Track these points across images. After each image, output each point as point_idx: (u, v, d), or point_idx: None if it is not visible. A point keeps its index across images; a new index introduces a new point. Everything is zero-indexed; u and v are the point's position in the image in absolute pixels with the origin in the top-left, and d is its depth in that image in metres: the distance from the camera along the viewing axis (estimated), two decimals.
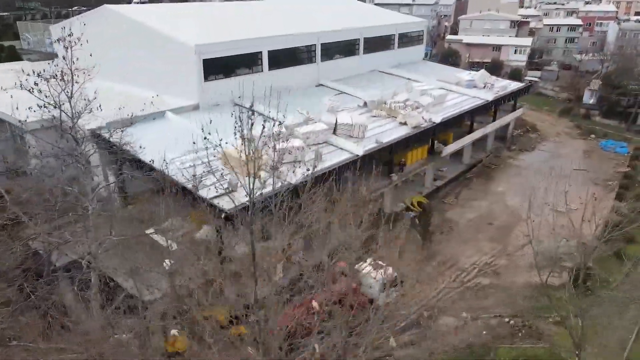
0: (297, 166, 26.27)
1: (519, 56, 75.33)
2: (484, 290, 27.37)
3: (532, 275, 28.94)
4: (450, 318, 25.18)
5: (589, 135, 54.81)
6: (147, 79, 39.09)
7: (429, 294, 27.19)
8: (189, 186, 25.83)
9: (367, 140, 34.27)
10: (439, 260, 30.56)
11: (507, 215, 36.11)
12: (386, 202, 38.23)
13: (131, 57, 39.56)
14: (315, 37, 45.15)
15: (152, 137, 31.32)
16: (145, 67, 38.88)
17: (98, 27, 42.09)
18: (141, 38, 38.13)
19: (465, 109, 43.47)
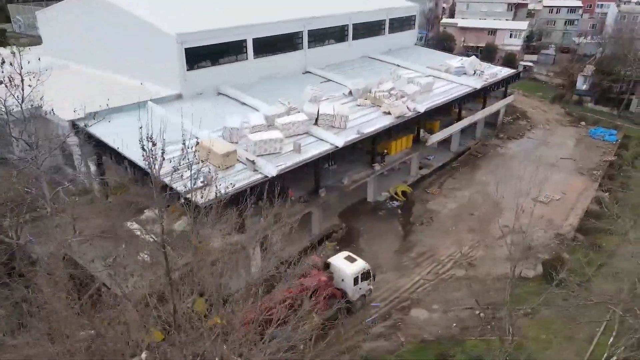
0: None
1: (514, 40, 74.44)
2: (458, 282, 27.71)
3: (508, 267, 29.30)
4: (422, 310, 25.57)
5: (580, 123, 54.56)
6: (132, 67, 38.95)
7: (403, 286, 27.57)
8: (164, 180, 25.90)
9: (348, 131, 34.27)
10: (417, 252, 30.86)
11: (489, 206, 36.26)
12: (369, 191, 38.44)
13: (116, 45, 39.35)
14: (302, 24, 44.66)
15: (132, 128, 31.30)
16: (129, 54, 38.68)
17: (83, 13, 41.89)
18: (124, 25, 37.80)
19: (452, 98, 43.28)
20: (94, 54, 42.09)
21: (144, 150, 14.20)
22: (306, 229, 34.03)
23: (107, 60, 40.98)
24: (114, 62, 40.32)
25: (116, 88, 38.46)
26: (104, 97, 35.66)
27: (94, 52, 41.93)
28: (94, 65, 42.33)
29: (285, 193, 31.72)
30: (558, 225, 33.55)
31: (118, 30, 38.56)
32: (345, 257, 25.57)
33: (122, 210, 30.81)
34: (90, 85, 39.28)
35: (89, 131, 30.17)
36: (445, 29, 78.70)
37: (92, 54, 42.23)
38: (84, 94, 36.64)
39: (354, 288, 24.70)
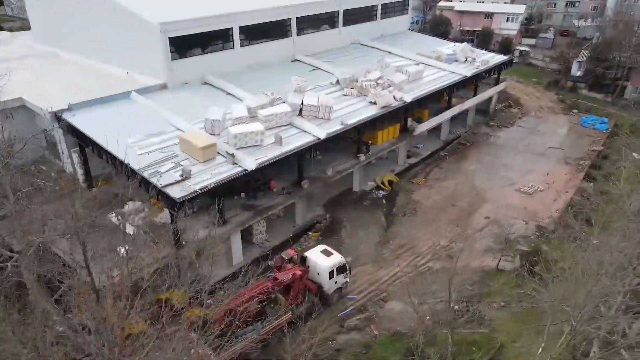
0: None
1: (511, 24, 73.41)
2: (435, 275, 28.01)
3: (486, 260, 29.64)
4: (398, 303, 25.96)
5: (572, 110, 54.18)
6: (118, 56, 38.79)
7: (381, 278, 27.92)
8: (143, 174, 26.18)
9: (333, 122, 34.25)
10: (397, 243, 31.13)
11: (473, 196, 36.40)
12: (355, 181, 38.56)
13: (101, 33, 39.11)
14: (290, 11, 44.15)
15: (115, 120, 31.43)
16: (115, 43, 38.46)
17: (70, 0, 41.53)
18: (109, 13, 37.46)
19: (440, 87, 42.97)
20: (81, 42, 41.85)
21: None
22: (291, 219, 34.35)
23: (94, 49, 40.77)
24: (101, 50, 40.11)
25: (102, 77, 38.37)
26: (90, 86, 35.78)
27: (81, 40, 41.69)
28: (82, 53, 42.13)
29: (267, 184, 32.04)
30: (540, 217, 33.69)
31: (103, 19, 38.29)
32: (321, 251, 25.88)
33: (107, 202, 31.18)
34: (77, 74, 39.18)
35: (69, 122, 30.39)
36: (442, 12, 77.62)
37: (80, 42, 42.00)
38: (69, 84, 36.76)
39: (329, 282, 25.07)
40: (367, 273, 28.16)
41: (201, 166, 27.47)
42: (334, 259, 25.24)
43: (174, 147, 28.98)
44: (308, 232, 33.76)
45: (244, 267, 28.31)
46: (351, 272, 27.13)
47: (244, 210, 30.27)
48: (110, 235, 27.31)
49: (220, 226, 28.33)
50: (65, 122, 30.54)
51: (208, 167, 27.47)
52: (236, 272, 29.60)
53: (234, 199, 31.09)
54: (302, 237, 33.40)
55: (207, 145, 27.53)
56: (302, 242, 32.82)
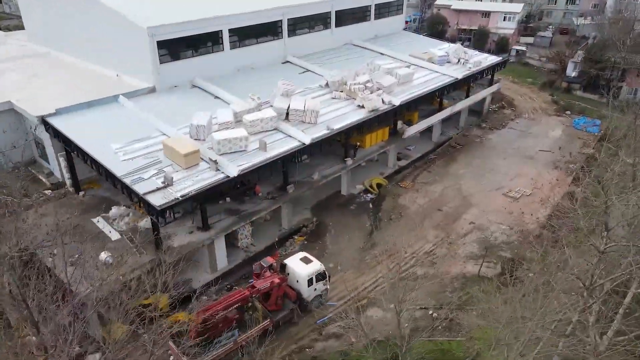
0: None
1: (508, 23, 73.00)
2: (417, 281, 28.13)
3: (468, 266, 29.78)
4: (377, 310, 26.16)
5: (565, 112, 54.01)
6: (108, 58, 39.00)
7: (362, 285, 28.11)
8: (125, 180, 26.39)
9: (319, 126, 34.34)
10: (380, 249, 31.23)
11: (459, 201, 36.45)
12: (343, 184, 38.66)
13: (92, 35, 39.33)
14: (281, 12, 44.16)
15: (101, 124, 31.66)
16: (105, 45, 38.68)
17: (61, 1, 41.65)
18: (98, 15, 37.57)
19: (430, 90, 42.88)
20: (73, 43, 42.04)
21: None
22: (277, 222, 34.53)
23: (85, 50, 40.98)
24: (92, 52, 40.33)
25: (93, 80, 38.58)
26: (80, 89, 35.96)
27: (74, 41, 41.89)
28: (74, 54, 42.37)
29: (252, 189, 32.22)
30: (525, 221, 33.76)
31: (93, 21, 38.44)
32: (301, 258, 26.08)
33: (94, 206, 31.49)
34: (68, 76, 39.36)
35: (55, 127, 30.62)
36: (439, 11, 77.28)
37: (72, 43, 42.19)
38: (59, 86, 36.95)
39: (308, 289, 25.29)
40: (349, 279, 28.33)
41: (184, 172, 27.65)
42: (313, 267, 25.44)
43: (159, 153, 29.18)
44: (294, 236, 33.95)
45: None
46: (330, 279, 27.32)
47: (228, 215, 30.49)
48: (93, 241, 27.72)
49: (204, 231, 28.69)
50: (51, 127, 30.79)
51: (191, 173, 27.64)
52: (220, 276, 30.21)
53: (219, 203, 31.33)
54: (288, 241, 33.61)
55: (190, 152, 27.70)
56: (287, 247, 33.04)
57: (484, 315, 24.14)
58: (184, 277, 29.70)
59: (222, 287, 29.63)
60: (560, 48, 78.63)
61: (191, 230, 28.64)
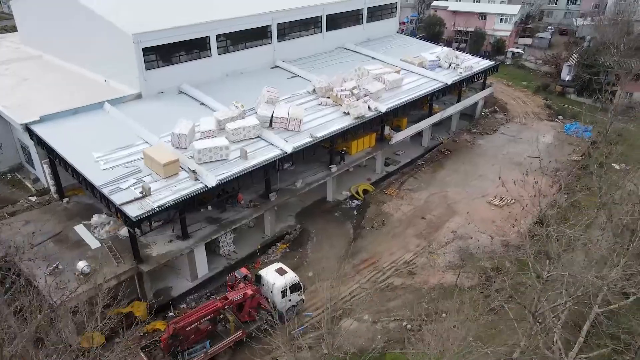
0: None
1: (504, 25, 72.59)
2: (394, 291, 28.31)
3: (446, 276, 29.86)
4: (352, 321, 26.32)
5: (557, 117, 53.79)
6: (97, 63, 39.26)
7: (339, 295, 28.20)
8: (103, 190, 26.63)
9: (303, 134, 34.42)
10: (360, 258, 31.41)
11: (443, 208, 36.47)
12: (329, 190, 38.77)
13: (81, 40, 39.60)
14: (270, 18, 44.16)
15: (85, 132, 31.87)
16: (93, 51, 38.91)
17: (51, 5, 41.91)
18: (85, 21, 37.69)
19: (417, 96, 42.80)
20: (64, 47, 42.29)
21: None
22: (262, 229, 34.71)
23: (75, 55, 41.23)
24: (82, 57, 40.55)
25: (82, 85, 38.81)
26: (67, 95, 36.20)
27: (64, 45, 42.16)
28: (65, 58, 42.61)
29: (234, 197, 32.39)
30: (507, 231, 33.75)
31: (81, 26, 38.61)
32: (276, 270, 26.27)
33: (77, 213, 31.79)
34: (57, 81, 39.58)
35: (38, 135, 30.91)
36: (436, 12, 76.97)
37: (63, 47, 42.45)
38: (48, 92, 37.20)
39: (282, 300, 25.48)
40: (326, 289, 28.41)
41: (163, 182, 27.85)
42: (287, 278, 25.62)
43: (139, 162, 29.38)
44: (277, 244, 34.14)
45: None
46: (308, 289, 27.50)
47: (208, 223, 30.69)
48: (72, 250, 28.03)
49: (183, 240, 28.91)
50: (34, 135, 31.08)
51: (170, 183, 27.83)
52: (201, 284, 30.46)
53: (201, 211, 31.52)
54: (270, 248, 33.80)
55: (169, 162, 27.89)
56: (270, 254, 33.23)
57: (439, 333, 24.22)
58: (165, 285, 30.14)
59: (202, 295, 29.94)
60: (558, 50, 78.18)
61: (171, 239, 28.86)
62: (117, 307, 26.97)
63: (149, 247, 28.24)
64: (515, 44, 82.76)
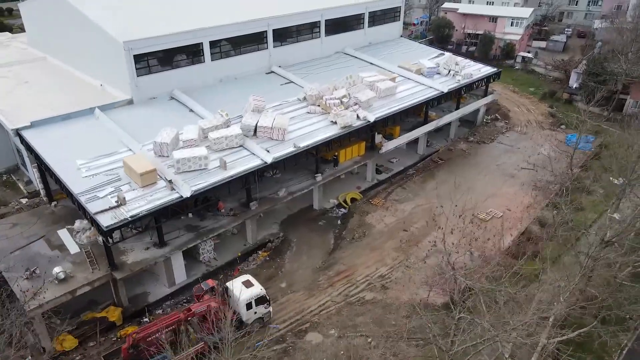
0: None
1: (515, 29, 71.06)
2: (364, 306, 28.34)
3: (419, 292, 29.70)
4: (318, 334, 26.49)
5: (560, 126, 52.56)
6: (94, 68, 40.18)
7: (309, 307, 28.43)
8: (80, 198, 27.35)
9: (287, 143, 34.59)
10: (336, 270, 31.49)
11: (427, 221, 36.21)
12: (315, 199, 38.90)
13: (79, 44, 40.62)
14: (266, 24, 44.29)
15: (72, 138, 32.72)
16: (90, 56, 39.84)
17: (51, 10, 43.08)
18: (81, 26, 38.59)
19: (411, 104, 42.45)
20: (65, 50, 43.40)
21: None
22: (244, 237, 35.11)
23: (74, 58, 42.29)
24: (80, 61, 41.59)
25: (78, 89, 39.77)
26: (63, 99, 37.14)
27: (65, 49, 43.26)
28: (66, 61, 43.78)
29: (215, 205, 32.85)
30: (489, 246, 33.28)
31: (78, 31, 39.56)
32: (243, 282, 26.60)
33: (63, 217, 32.73)
34: (56, 84, 40.60)
35: (27, 141, 31.90)
36: (446, 14, 75.85)
37: (64, 50, 43.55)
38: (44, 95, 38.26)
39: (247, 312, 25.82)
40: (297, 301, 28.72)
41: (141, 191, 28.47)
42: (253, 291, 25.95)
43: (121, 170, 30.07)
44: (258, 251, 34.50)
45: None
46: (281, 299, 27.80)
47: (187, 231, 31.23)
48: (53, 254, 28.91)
49: (160, 248, 29.51)
50: (24, 140, 32.11)
51: (146, 192, 28.41)
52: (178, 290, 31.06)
53: (181, 218, 32.06)
54: (251, 256, 34.18)
55: (147, 172, 28.46)
56: (250, 262, 33.61)
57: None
58: (143, 290, 30.86)
59: (179, 301, 30.54)
60: (574, 53, 76.11)
61: (147, 246, 29.50)
62: (92, 312, 27.93)
63: (126, 254, 28.96)
64: (529, 46, 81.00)
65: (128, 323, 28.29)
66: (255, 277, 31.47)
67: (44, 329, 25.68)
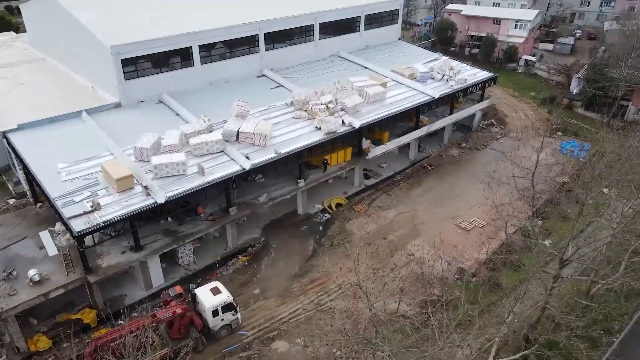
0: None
1: (518, 31, 69.99)
2: (334, 315, 28.42)
3: (390, 303, 29.62)
4: (284, 343, 26.70)
5: (556, 133, 51.75)
6: (86, 70, 40.94)
7: (279, 315, 28.65)
8: (56, 203, 27.94)
9: (269, 149, 34.77)
10: (310, 277, 31.64)
11: (408, 229, 36.05)
12: (299, 204, 39.03)
13: (73, 47, 41.40)
14: (257, 27, 44.45)
15: (57, 141, 33.40)
16: (82, 58, 40.58)
17: (47, 12, 43.93)
18: (73, 29, 39.31)
19: (400, 110, 42.23)
20: (61, 52, 44.28)
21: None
22: (226, 241, 35.47)
23: (69, 60, 43.16)
24: (74, 63, 42.41)
25: (70, 91, 40.54)
26: (54, 101, 37.92)
27: (61, 50, 44.13)
28: (62, 62, 44.70)
29: (194, 209, 33.25)
30: (467, 257, 33.12)
31: (71, 34, 40.32)
32: (211, 289, 26.92)
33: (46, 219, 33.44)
34: (49, 86, 41.44)
35: (11, 143, 32.66)
36: (450, 16, 75.07)
37: (60, 52, 44.44)
38: (37, 97, 39.11)
39: (213, 319, 26.15)
40: (268, 308, 28.96)
41: (117, 197, 28.96)
42: (219, 298, 26.24)
43: (100, 174, 30.61)
44: (238, 256, 34.82)
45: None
46: (253, 306, 28.10)
47: (165, 235, 31.68)
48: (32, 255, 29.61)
49: (136, 252, 30.00)
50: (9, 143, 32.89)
51: (122, 198, 28.88)
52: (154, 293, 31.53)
53: (160, 222, 32.51)
54: (231, 260, 34.50)
55: (123, 177, 28.92)
56: (229, 266, 33.94)
57: None
58: (120, 293, 31.42)
59: (156, 304, 30.99)
60: (581, 57, 74.70)
61: (124, 250, 30.01)
62: (67, 313, 28.54)
63: (102, 257, 29.51)
64: (535, 49, 79.75)
65: (103, 325, 28.85)
66: (230, 282, 32.05)
67: (18, 329, 26.33)
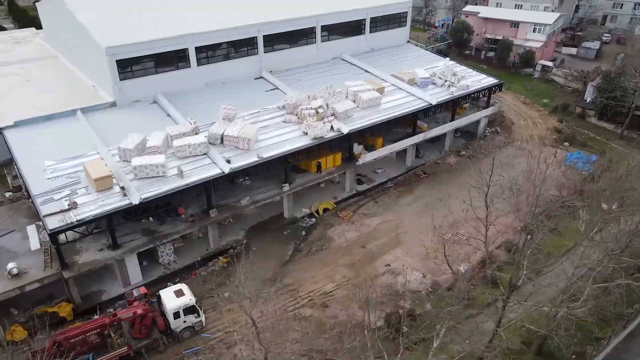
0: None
1: (537, 35, 67.71)
2: (299, 322, 28.51)
3: (359, 312, 29.46)
4: (245, 347, 26.91)
5: (563, 143, 49.90)
6: (87, 68, 42.31)
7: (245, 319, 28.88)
8: (36, 200, 29.05)
9: (252, 152, 35.03)
10: (284, 283, 31.79)
11: (389, 239, 35.62)
12: (285, 207, 39.17)
13: (76, 45, 42.79)
14: (256, 29, 44.70)
15: (49, 139, 34.66)
16: (85, 57, 41.88)
17: (55, 11, 45.53)
18: (74, 28, 40.62)
19: (393, 116, 41.72)
20: (69, 50, 45.86)
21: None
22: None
23: (76, 59, 44.69)
24: (80, 61, 43.89)
25: (73, 89, 41.90)
26: (56, 99, 39.28)
27: (69, 48, 45.74)
28: (71, 60, 46.32)
29: (175, 210, 33.91)
30: (445, 270, 32.47)
31: (74, 33, 41.64)
32: (175, 291, 27.47)
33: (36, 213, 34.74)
34: (54, 84, 42.93)
35: (5, 140, 34.09)
36: (467, 18, 73.36)
37: (69, 50, 46.04)
38: (40, 95, 40.58)
39: (175, 321, 26.68)
40: (235, 312, 29.21)
41: (95, 196, 29.86)
42: (182, 301, 26.74)
43: (82, 174, 31.60)
44: (219, 257, 35.30)
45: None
46: (224, 309, 28.47)
47: (144, 234, 32.45)
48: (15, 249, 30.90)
49: (113, 250, 30.87)
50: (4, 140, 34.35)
51: (100, 197, 29.76)
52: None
53: (141, 222, 33.30)
54: (212, 261, 35.02)
55: (101, 177, 29.79)
56: (209, 266, 34.49)
57: None
58: (98, 288, 32.42)
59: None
60: (606, 62, 71.60)
61: (102, 247, 30.94)
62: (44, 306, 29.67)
63: (80, 253, 30.51)
64: (557, 52, 77.02)
65: (79, 319, 29.87)
66: (204, 283, 32.59)
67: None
